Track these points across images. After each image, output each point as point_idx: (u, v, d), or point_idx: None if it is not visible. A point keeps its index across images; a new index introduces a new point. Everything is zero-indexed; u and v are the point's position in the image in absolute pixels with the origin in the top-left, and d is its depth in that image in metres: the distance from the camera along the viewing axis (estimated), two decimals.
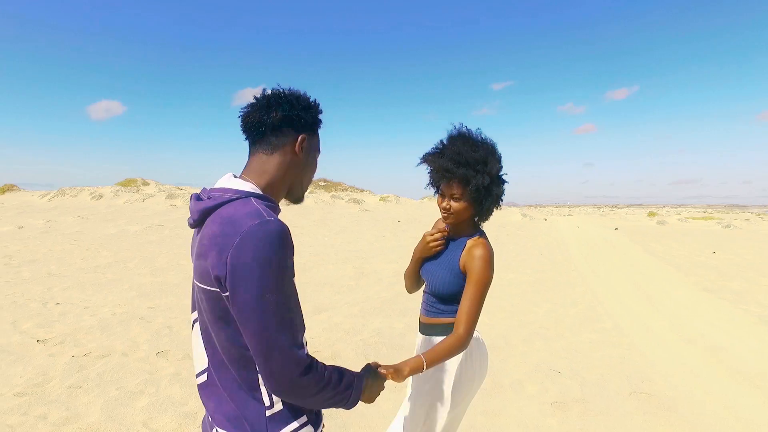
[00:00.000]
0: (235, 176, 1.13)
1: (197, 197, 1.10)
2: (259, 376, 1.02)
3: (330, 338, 4.62)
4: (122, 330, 4.69)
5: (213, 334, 1.05)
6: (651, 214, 36.81)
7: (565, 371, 3.86)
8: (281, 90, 1.15)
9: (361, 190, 35.77)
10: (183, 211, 20.78)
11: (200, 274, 1.01)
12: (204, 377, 1.10)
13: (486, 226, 1.80)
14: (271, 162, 1.13)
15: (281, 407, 1.05)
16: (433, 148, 1.73)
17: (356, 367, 3.35)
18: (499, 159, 1.67)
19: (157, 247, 11.26)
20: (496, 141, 1.69)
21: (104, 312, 5.36)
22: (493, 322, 5.38)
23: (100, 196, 25.75)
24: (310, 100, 1.18)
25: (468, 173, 1.60)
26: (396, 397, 3.32)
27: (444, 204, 1.68)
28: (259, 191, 1.09)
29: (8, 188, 30.34)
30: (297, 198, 1.24)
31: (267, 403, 1.04)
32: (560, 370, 3.90)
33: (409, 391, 1.80)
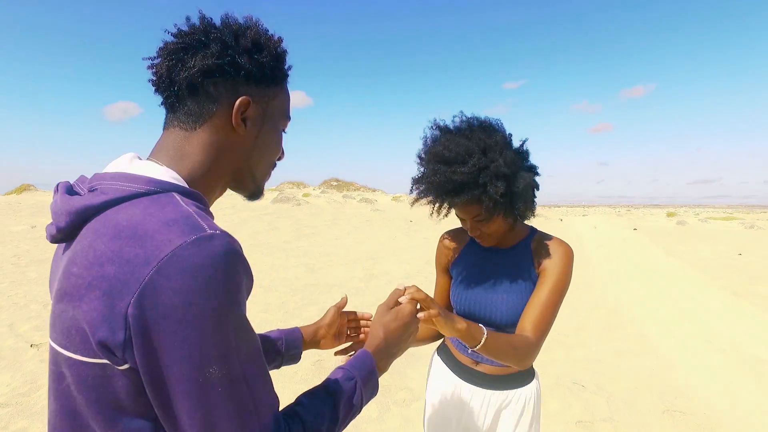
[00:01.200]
0: (140, 158, 0.70)
1: (67, 189, 0.65)
2: None
3: None
4: None
5: (71, 418, 0.60)
6: (670, 215, 36.01)
7: (589, 385, 3.55)
8: (207, 23, 0.70)
9: (374, 190, 35.56)
10: None
11: (63, 332, 0.57)
12: None
13: None
14: (193, 140, 0.70)
15: None
16: (415, 182, 1.25)
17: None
18: (503, 139, 1.18)
19: None
20: (522, 141, 1.26)
21: None
22: None
23: None
24: (260, 35, 0.72)
25: (471, 195, 1.13)
26: (404, 412, 3.05)
27: (472, 233, 1.25)
28: (184, 183, 0.67)
29: (25, 188, 30.77)
30: (251, 192, 0.81)
31: None
32: (584, 383, 3.58)
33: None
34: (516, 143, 1.25)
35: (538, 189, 1.26)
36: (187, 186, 0.67)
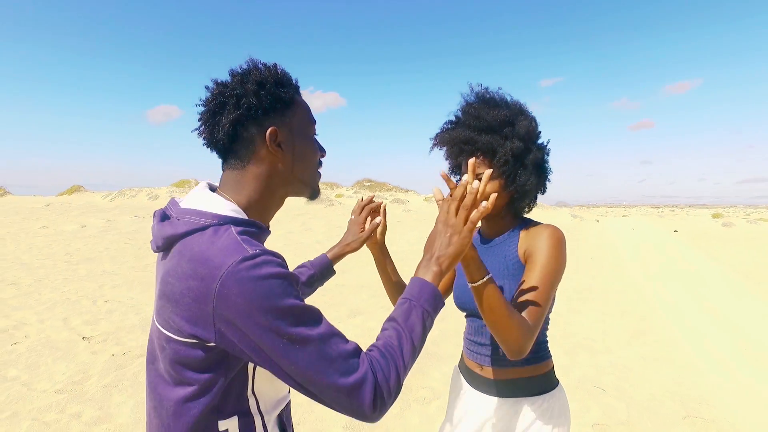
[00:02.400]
0: (212, 189, 0.90)
1: (162, 216, 0.87)
2: None
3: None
4: None
5: (164, 391, 0.82)
6: (716, 215, 34.42)
7: (610, 389, 3.57)
8: (220, 84, 0.87)
9: (406, 191, 35.65)
10: None
11: (166, 321, 0.79)
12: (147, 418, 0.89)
13: None
14: (244, 176, 0.88)
15: None
16: (445, 123, 1.34)
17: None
18: (531, 119, 1.27)
19: None
20: (546, 139, 1.32)
21: (147, 311, 5.53)
22: None
23: (156, 197, 27.08)
24: (269, 72, 0.87)
25: (492, 139, 1.22)
26: (425, 410, 3.18)
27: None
28: (241, 214, 0.85)
29: (75, 189, 32.56)
30: (310, 194, 0.98)
31: None
32: (605, 387, 3.61)
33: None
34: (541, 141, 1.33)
35: (544, 189, 1.32)
36: (243, 215, 0.85)
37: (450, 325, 5.14)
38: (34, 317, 5.17)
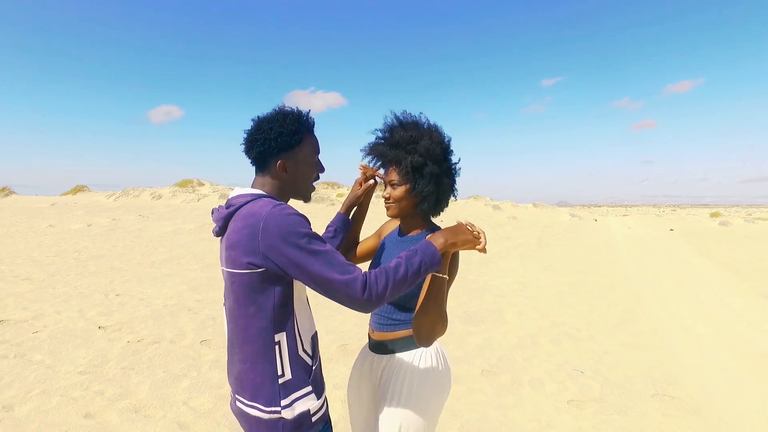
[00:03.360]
0: (243, 188, 1.39)
1: (219, 208, 1.36)
2: (276, 346, 1.22)
3: (360, 333, 4.82)
4: (172, 320, 5.12)
5: (237, 314, 1.25)
6: (714, 215, 34.63)
7: (588, 371, 3.87)
8: (258, 123, 1.34)
9: None
10: None
11: (232, 262, 1.21)
12: (228, 353, 1.33)
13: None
14: (266, 181, 1.37)
15: (290, 376, 1.23)
16: (370, 142, 1.69)
17: None
18: (437, 140, 1.56)
19: (209, 244, 11.93)
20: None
21: (157, 303, 5.84)
22: (523, 322, 5.40)
23: (160, 196, 27.38)
24: (286, 120, 1.32)
25: (399, 154, 1.54)
26: None
27: (384, 193, 1.62)
28: (266, 194, 1.34)
29: (80, 189, 32.86)
30: (303, 200, 1.46)
31: (279, 372, 1.22)
32: (584, 370, 3.90)
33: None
34: (455, 155, 1.63)
35: (454, 194, 1.62)
36: (270, 195, 1.33)
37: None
38: (51, 309, 5.48)
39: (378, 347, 1.59)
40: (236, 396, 1.28)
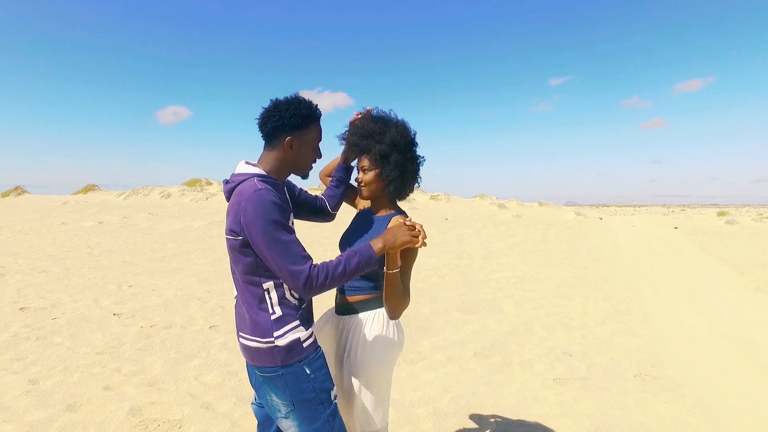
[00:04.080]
0: (247, 162, 1.62)
1: (226, 181, 1.63)
2: (265, 293, 1.50)
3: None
4: (182, 308, 5.37)
5: (233, 269, 1.56)
6: (721, 213, 34.47)
7: (576, 354, 4.06)
8: (276, 103, 1.58)
9: None
10: None
11: (227, 229, 1.50)
12: (234, 301, 1.61)
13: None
14: (271, 155, 1.61)
15: (281, 314, 1.50)
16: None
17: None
18: (403, 133, 1.81)
19: (217, 240, 12.21)
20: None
21: (168, 294, 6.10)
22: (519, 312, 5.60)
23: (169, 195, 27.78)
24: (301, 105, 1.58)
25: (369, 143, 1.80)
26: (411, 368, 3.69)
27: (357, 177, 1.87)
28: (263, 172, 1.57)
29: (90, 188, 33.38)
30: (302, 176, 1.71)
31: (270, 311, 1.50)
32: (573, 353, 4.10)
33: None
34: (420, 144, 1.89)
35: (417, 180, 1.87)
36: (264, 173, 1.57)
37: (441, 307, 5.65)
38: (67, 298, 5.76)
39: (344, 309, 1.85)
40: (240, 333, 1.57)
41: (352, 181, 2.03)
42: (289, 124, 1.56)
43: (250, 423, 2.75)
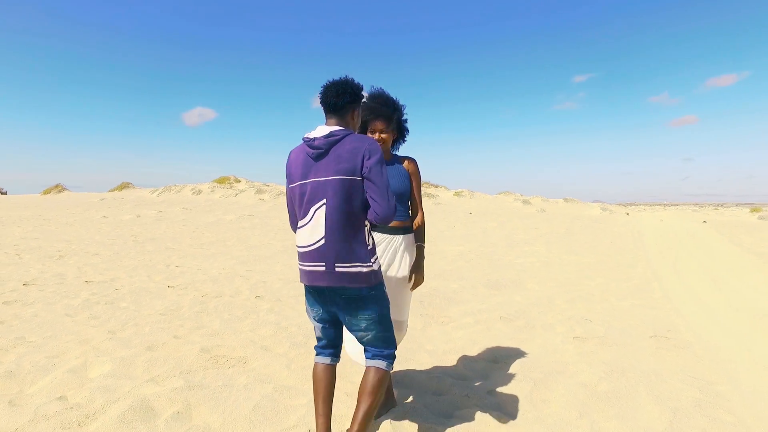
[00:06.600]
0: (329, 125, 2.02)
1: (311, 139, 1.97)
2: (365, 228, 1.92)
3: None
4: (228, 282, 5.85)
5: (341, 208, 1.87)
6: (754, 210, 33.59)
7: (596, 321, 4.35)
8: (348, 82, 2.00)
9: (436, 186, 36.33)
10: (270, 204, 22.73)
11: (343, 171, 1.86)
12: (321, 242, 1.89)
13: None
14: (342, 123, 2.01)
15: (371, 245, 1.94)
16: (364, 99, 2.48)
17: (412, 315, 4.19)
18: (399, 103, 2.50)
19: (250, 231, 12.79)
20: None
21: (213, 272, 6.61)
22: (542, 289, 5.89)
23: (199, 192, 28.74)
24: (359, 84, 2.03)
25: (389, 110, 2.44)
26: (443, 328, 4.05)
27: (376, 137, 2.42)
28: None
29: (125, 186, 34.76)
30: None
31: (367, 243, 1.92)
32: (592, 319, 4.39)
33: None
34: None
35: (403, 138, 2.59)
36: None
37: (468, 283, 5.98)
38: (123, 274, 6.32)
39: (395, 230, 2.44)
40: (337, 264, 1.88)
41: None
42: (357, 99, 2.00)
43: (304, 361, 3.16)
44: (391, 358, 2.02)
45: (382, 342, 2.00)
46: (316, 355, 2.14)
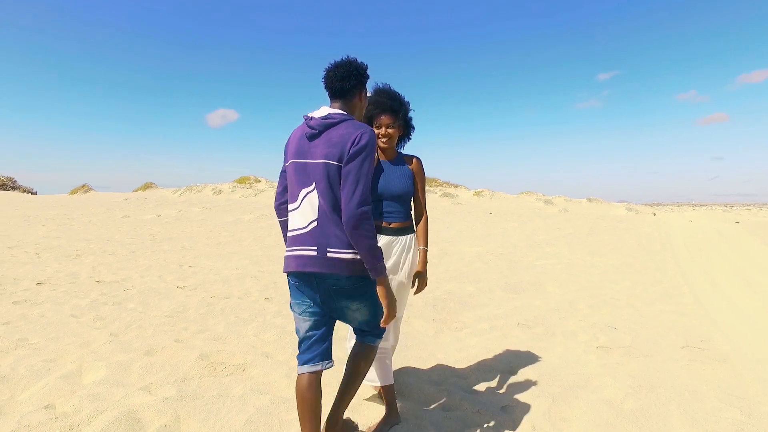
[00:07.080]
0: (332, 108, 1.91)
1: (308, 119, 1.88)
2: None
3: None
4: (238, 283, 5.74)
5: (333, 193, 1.77)
6: None
7: (621, 329, 4.06)
8: (352, 63, 1.89)
9: (456, 186, 35.92)
10: None
11: (330, 156, 1.75)
12: (314, 224, 1.80)
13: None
14: (347, 106, 1.93)
15: None
16: (371, 95, 2.43)
17: (424, 320, 3.98)
18: (405, 99, 2.44)
19: (267, 231, 12.74)
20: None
21: (225, 272, 6.51)
22: (563, 292, 5.60)
23: (220, 192, 29.04)
24: (364, 65, 1.94)
25: (395, 105, 2.38)
26: (456, 334, 3.83)
27: (382, 135, 2.35)
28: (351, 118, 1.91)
29: (148, 186, 35.39)
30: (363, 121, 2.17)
31: None
32: (617, 327, 4.10)
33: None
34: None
35: (409, 136, 2.53)
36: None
37: (484, 286, 5.73)
38: (135, 274, 6.27)
39: (397, 232, 2.36)
40: (329, 250, 1.77)
41: None
42: (363, 81, 1.92)
43: None
44: (379, 336, 2.02)
45: (371, 327, 1.98)
46: (300, 364, 1.87)
